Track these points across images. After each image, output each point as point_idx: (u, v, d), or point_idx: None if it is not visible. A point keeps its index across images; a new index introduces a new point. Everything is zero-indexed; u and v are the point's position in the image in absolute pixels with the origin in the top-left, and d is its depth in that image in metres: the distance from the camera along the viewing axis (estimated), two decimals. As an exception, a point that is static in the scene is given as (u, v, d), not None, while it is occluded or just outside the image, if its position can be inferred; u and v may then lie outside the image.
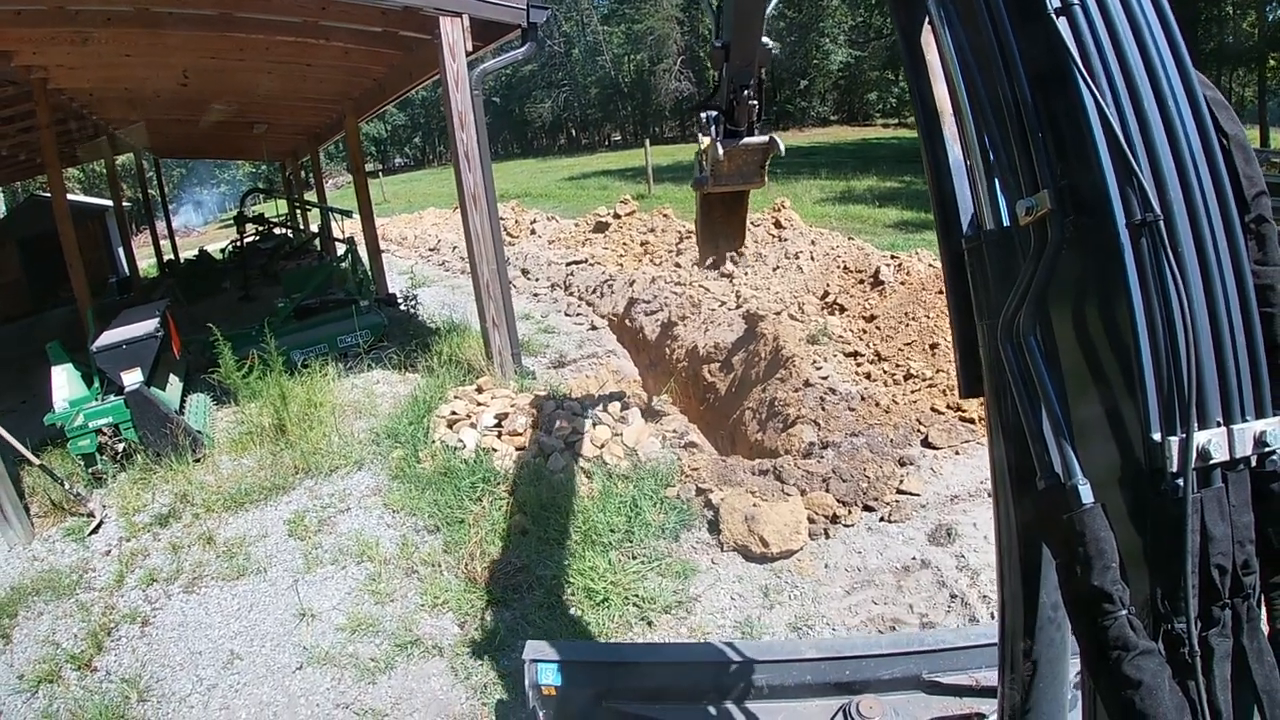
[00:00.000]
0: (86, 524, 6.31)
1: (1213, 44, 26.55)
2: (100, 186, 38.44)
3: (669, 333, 10.67)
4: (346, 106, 13.82)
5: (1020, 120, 1.28)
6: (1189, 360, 1.08)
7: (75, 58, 9.77)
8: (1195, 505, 1.08)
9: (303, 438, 7.24)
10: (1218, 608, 1.10)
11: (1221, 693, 1.07)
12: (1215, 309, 1.11)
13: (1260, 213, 1.19)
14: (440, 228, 23.81)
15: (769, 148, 4.35)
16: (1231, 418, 1.11)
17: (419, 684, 4.41)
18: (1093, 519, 1.16)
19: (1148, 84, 1.16)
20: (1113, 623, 1.10)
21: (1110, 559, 1.13)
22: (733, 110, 4.12)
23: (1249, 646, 1.10)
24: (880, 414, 6.75)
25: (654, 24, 55.79)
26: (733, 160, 4.33)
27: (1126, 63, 1.17)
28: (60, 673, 4.73)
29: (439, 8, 7.36)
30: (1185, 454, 1.08)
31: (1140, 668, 1.06)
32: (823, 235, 12.28)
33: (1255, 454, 1.12)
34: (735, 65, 3.88)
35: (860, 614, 4.68)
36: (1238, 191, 1.17)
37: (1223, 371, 1.11)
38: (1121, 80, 1.16)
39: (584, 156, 53.35)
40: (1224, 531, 1.09)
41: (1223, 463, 1.10)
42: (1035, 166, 1.26)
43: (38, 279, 19.84)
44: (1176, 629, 1.10)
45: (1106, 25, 1.19)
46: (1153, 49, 1.17)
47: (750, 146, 4.25)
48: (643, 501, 5.68)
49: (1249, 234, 1.17)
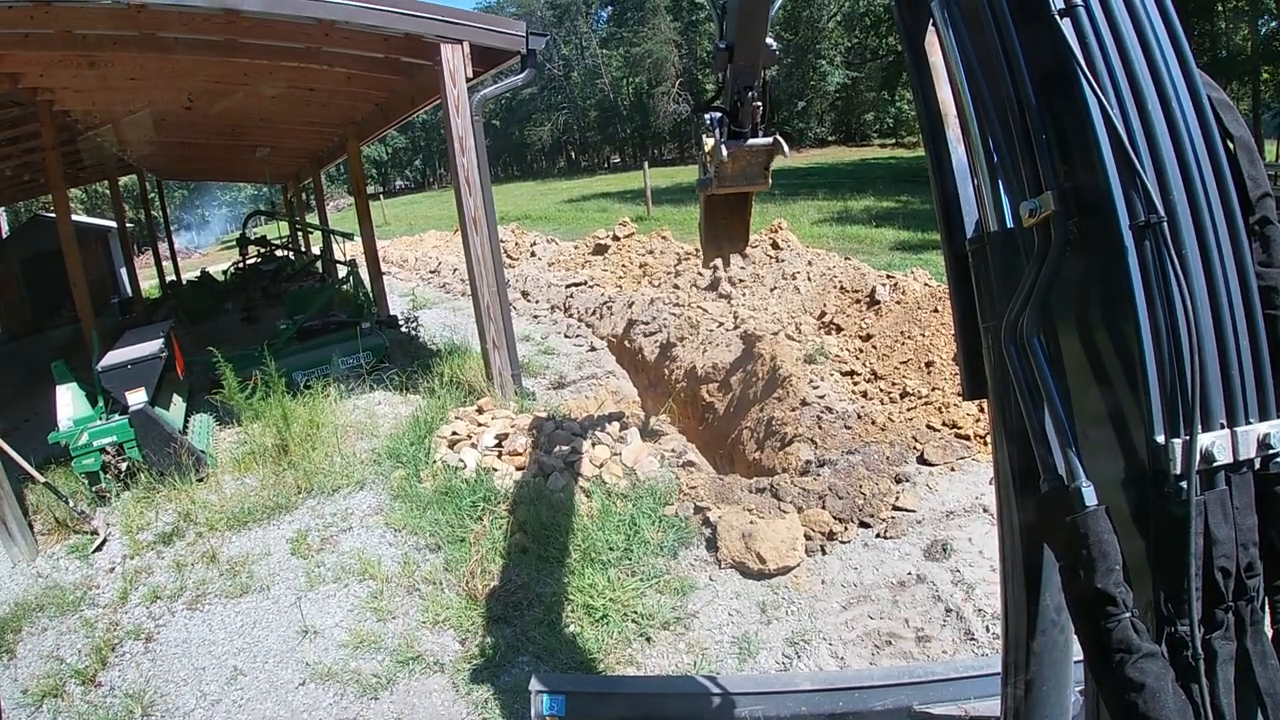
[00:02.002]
0: (90, 541, 6.37)
1: (1206, 58, 26.71)
2: (103, 207, 38.70)
3: (668, 353, 10.75)
4: (348, 130, 13.95)
5: (1024, 122, 1.28)
6: (1193, 362, 1.08)
7: (81, 80, 9.91)
8: (1199, 508, 1.08)
9: (305, 458, 7.30)
10: (1221, 610, 1.10)
11: (1225, 696, 1.08)
12: (1219, 311, 1.11)
13: (1265, 214, 1.18)
14: (441, 250, 23.93)
15: (773, 148, 4.33)
16: (1235, 420, 1.11)
17: (420, 700, 4.45)
18: (1096, 521, 1.16)
19: (1151, 86, 1.16)
20: (1116, 625, 1.10)
21: (1114, 561, 1.13)
22: (737, 111, 4.09)
23: (1252, 649, 1.10)
24: (876, 432, 6.81)
25: (652, 47, 56.21)
26: (737, 161, 4.31)
27: (1130, 64, 1.17)
28: (64, 687, 4.77)
29: (440, 35, 7.49)
30: (1189, 456, 1.08)
31: (1144, 670, 1.07)
32: (819, 256, 12.37)
33: (1259, 456, 1.12)
34: (739, 66, 3.85)
35: (856, 629, 4.73)
36: (1242, 193, 1.17)
37: (1226, 374, 1.11)
38: (1125, 82, 1.16)
39: (583, 179, 53.61)
40: (1228, 534, 1.09)
41: (1226, 465, 1.11)
42: (1039, 168, 1.26)
43: (40, 298, 19.95)
44: (1180, 632, 1.10)
45: (1110, 26, 1.19)
46: (1157, 50, 1.18)
47: (754, 148, 4.24)
48: (641, 520, 5.74)
49: (1253, 236, 1.17)
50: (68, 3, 6.81)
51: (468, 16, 7.88)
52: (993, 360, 1.48)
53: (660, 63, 56.62)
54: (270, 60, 8.98)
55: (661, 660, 4.62)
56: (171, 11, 7.05)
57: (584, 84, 63.36)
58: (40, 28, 7.46)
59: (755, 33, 3.64)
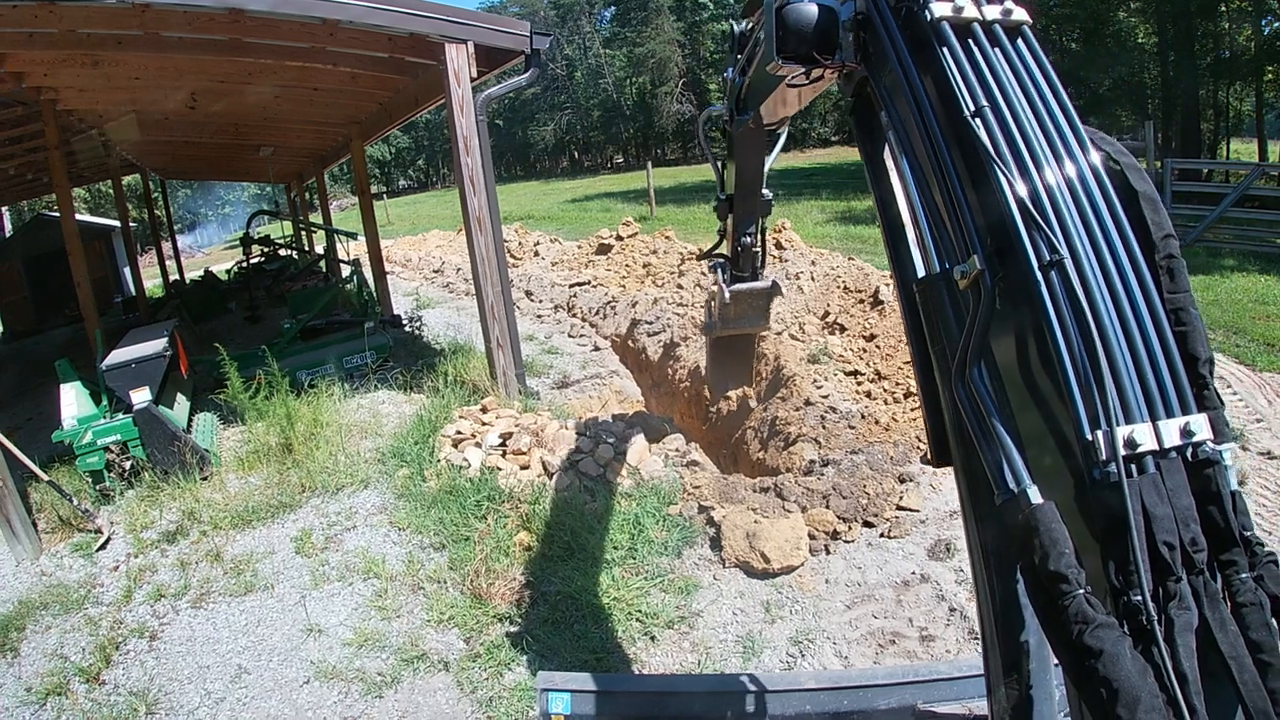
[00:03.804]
0: (94, 540, 6.37)
1: (1210, 58, 26.64)
2: (107, 207, 38.73)
3: (671, 353, 10.75)
4: (352, 130, 13.94)
5: (953, 202, 1.56)
6: (1103, 366, 1.27)
7: (85, 80, 9.93)
8: (1134, 489, 1.21)
9: (309, 457, 7.30)
10: (1173, 581, 1.18)
11: (1187, 660, 1.13)
12: (1129, 328, 1.32)
13: (1169, 251, 1.41)
14: (444, 250, 23.94)
15: (773, 291, 4.84)
16: (1156, 415, 1.28)
17: (425, 698, 4.46)
18: (1044, 513, 1.29)
19: (1051, 159, 1.44)
20: (1071, 601, 1.19)
21: (1064, 546, 1.24)
22: (738, 257, 4.58)
23: (1211, 617, 1.17)
24: (880, 431, 6.81)
25: (655, 47, 56.14)
26: (739, 304, 4.76)
27: (1031, 145, 1.45)
28: (68, 685, 4.78)
29: (445, 35, 7.49)
30: (1111, 443, 1.23)
31: (1100, 638, 1.14)
32: (823, 256, 12.37)
33: (1185, 443, 1.27)
34: (738, 216, 4.34)
35: (860, 628, 4.72)
36: (1147, 236, 1.41)
37: (1143, 379, 1.30)
38: (1028, 158, 1.44)
39: (587, 179, 53.65)
40: (1165, 511, 1.20)
41: (1153, 451, 1.25)
42: (966, 237, 1.53)
43: (43, 297, 20.00)
44: (1133, 601, 1.18)
45: (1013, 119, 1.48)
46: (1055, 133, 1.47)
47: (755, 290, 4.72)
48: (645, 519, 5.74)
49: (1161, 269, 1.39)
50: (72, 2, 6.82)
51: (473, 16, 7.88)
52: (951, 413, 1.65)
53: (663, 63, 56.55)
54: (274, 60, 8.97)
55: (666, 659, 4.62)
56: (176, 11, 7.05)
57: (587, 84, 63.30)
58: (44, 27, 7.47)
59: (752, 189, 4.13)
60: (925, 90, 1.63)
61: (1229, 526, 1.23)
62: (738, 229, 4.44)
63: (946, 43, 1.56)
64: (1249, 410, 7.39)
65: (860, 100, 1.99)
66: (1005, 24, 1.59)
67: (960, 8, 1.58)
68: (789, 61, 1.92)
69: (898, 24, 1.70)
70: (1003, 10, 1.59)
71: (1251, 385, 7.98)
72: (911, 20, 1.66)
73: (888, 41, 1.70)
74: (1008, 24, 1.60)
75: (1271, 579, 1.21)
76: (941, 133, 1.59)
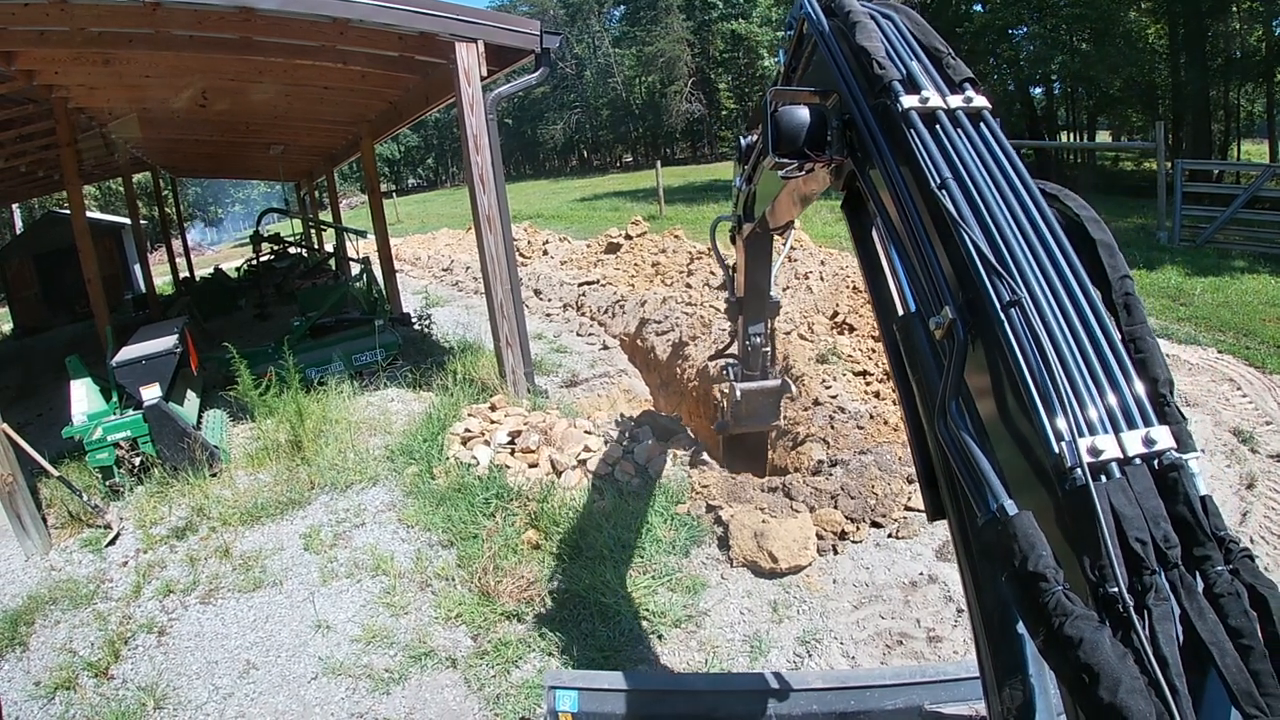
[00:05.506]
0: (104, 535, 6.41)
1: (1221, 59, 26.48)
2: (117, 204, 38.87)
3: (680, 352, 10.74)
4: (362, 128, 13.97)
5: (925, 261, 1.76)
6: (1065, 385, 1.39)
7: (96, 78, 9.97)
8: (1101, 491, 1.28)
9: (318, 454, 7.33)
10: (1149, 574, 1.24)
11: (1166, 645, 1.17)
12: (1086, 355, 1.45)
13: (1126, 290, 1.59)
14: (454, 248, 23.98)
15: (782, 389, 5.02)
16: (1119, 428, 1.38)
17: (432, 695, 4.47)
18: (1021, 521, 1.36)
19: (1009, 217, 1.63)
20: (1051, 596, 1.24)
21: (1042, 548, 1.31)
22: (748, 357, 4.79)
23: (1190, 607, 1.21)
24: (889, 432, 6.80)
25: (665, 46, 56.05)
26: (750, 402, 4.95)
27: (990, 207, 1.64)
28: (77, 680, 4.81)
29: (455, 34, 7.50)
30: (1074, 448, 1.33)
31: (1079, 627, 1.19)
32: (832, 256, 12.36)
33: (1149, 451, 1.36)
34: (748, 317, 4.58)
35: (868, 628, 4.72)
36: (1105, 279, 1.60)
37: (1104, 397, 1.41)
38: (989, 218, 1.62)
39: (596, 178, 53.59)
40: (1134, 512, 1.28)
41: (1118, 459, 1.34)
42: (939, 291, 1.71)
43: (53, 294, 20.11)
44: (1109, 592, 1.22)
45: (974, 185, 1.68)
46: (1011, 195, 1.66)
47: (766, 389, 4.91)
48: (653, 518, 5.74)
49: (1119, 306, 1.57)
50: (83, 1, 6.85)
51: (483, 15, 7.88)
52: (936, 452, 1.77)
53: (673, 62, 56.45)
54: (284, 58, 8.99)
55: (673, 658, 4.62)
56: (187, 10, 7.09)
57: (596, 83, 63.23)
58: (56, 25, 7.52)
59: (761, 293, 4.40)
60: (901, 174, 1.85)
61: (1200, 525, 1.28)
62: (747, 329, 4.66)
63: (914, 128, 1.79)
64: (1259, 413, 7.36)
65: (850, 195, 2.23)
66: (967, 110, 1.82)
67: (926, 98, 1.82)
68: (783, 158, 2.16)
69: (876, 120, 1.94)
70: (964, 99, 1.83)
71: (1262, 388, 7.94)
72: (887, 114, 1.89)
73: (868, 135, 1.95)
74: (969, 110, 1.82)
75: (1247, 571, 1.25)
76: (914, 204, 1.80)
